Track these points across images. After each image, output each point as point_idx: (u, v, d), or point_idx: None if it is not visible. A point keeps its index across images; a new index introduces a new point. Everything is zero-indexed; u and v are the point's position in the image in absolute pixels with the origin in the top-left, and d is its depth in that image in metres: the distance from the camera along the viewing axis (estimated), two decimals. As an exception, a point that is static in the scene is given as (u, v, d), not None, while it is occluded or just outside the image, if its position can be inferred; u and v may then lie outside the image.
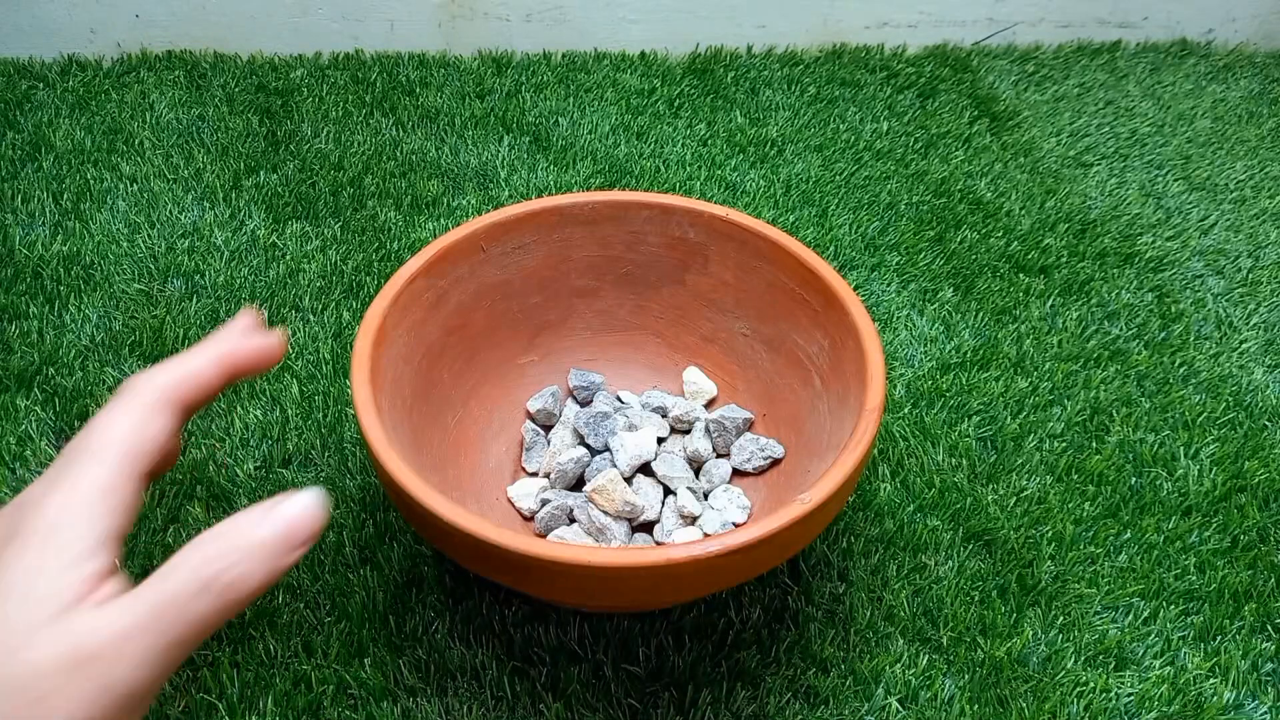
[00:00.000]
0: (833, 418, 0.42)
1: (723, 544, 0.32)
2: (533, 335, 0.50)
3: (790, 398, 0.46)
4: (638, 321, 0.51)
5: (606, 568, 0.32)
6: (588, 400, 0.50)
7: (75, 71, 0.77)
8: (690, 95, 0.79)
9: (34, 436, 0.49)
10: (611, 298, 0.50)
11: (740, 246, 0.47)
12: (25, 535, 0.24)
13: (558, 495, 0.46)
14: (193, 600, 0.24)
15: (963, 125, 0.78)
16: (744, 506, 0.45)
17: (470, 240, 0.44)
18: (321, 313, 0.57)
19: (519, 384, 0.50)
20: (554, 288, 0.49)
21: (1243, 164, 0.76)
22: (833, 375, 0.43)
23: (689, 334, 0.51)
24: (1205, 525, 0.49)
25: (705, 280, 0.49)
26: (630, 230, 0.48)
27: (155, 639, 0.24)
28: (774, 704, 0.41)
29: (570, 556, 0.32)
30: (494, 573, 0.35)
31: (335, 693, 0.40)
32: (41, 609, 0.23)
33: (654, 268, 0.49)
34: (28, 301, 0.57)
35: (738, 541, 0.32)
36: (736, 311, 0.49)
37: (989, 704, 0.41)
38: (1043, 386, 0.56)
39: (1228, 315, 0.62)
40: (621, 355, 0.52)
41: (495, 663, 0.42)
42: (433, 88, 0.78)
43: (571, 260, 0.49)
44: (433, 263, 0.43)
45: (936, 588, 0.45)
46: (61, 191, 0.65)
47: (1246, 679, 0.43)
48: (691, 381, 0.50)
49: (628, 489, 0.45)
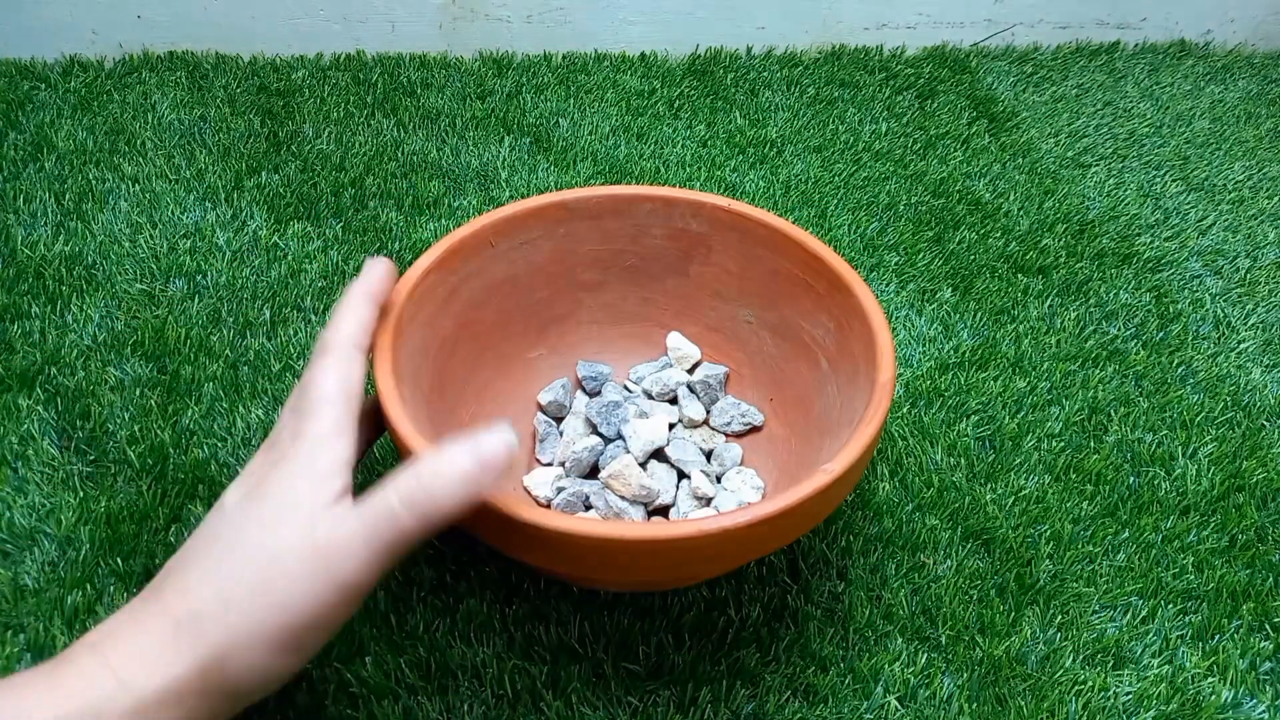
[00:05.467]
0: (842, 396, 0.42)
1: (752, 514, 0.33)
2: (541, 329, 0.50)
3: (797, 380, 0.47)
4: (643, 313, 0.52)
5: (640, 540, 0.32)
6: (597, 391, 0.51)
7: (77, 72, 0.77)
8: (690, 96, 0.80)
9: (36, 436, 0.49)
10: (617, 290, 0.51)
11: (743, 236, 0.47)
12: (289, 460, 0.31)
13: (573, 483, 0.46)
14: (401, 515, 0.30)
15: (961, 126, 0.78)
16: (758, 486, 0.46)
17: (480, 235, 0.45)
18: (323, 313, 0.58)
19: (529, 377, 0.50)
20: (560, 282, 0.50)
21: (1241, 164, 0.76)
22: (840, 355, 0.43)
23: (694, 323, 0.51)
24: (1203, 524, 0.49)
25: (709, 270, 0.49)
26: (634, 223, 0.48)
27: (372, 544, 0.30)
28: (773, 702, 0.41)
29: (604, 532, 0.32)
30: (526, 553, 0.36)
31: (336, 691, 0.41)
32: (297, 514, 0.30)
33: (658, 259, 0.50)
34: (30, 301, 0.57)
35: (766, 512, 0.33)
36: (740, 299, 0.49)
37: (987, 702, 0.41)
38: (1041, 386, 0.56)
39: (1226, 315, 0.62)
40: (628, 347, 0.52)
41: (496, 661, 0.42)
42: (434, 89, 0.78)
43: (577, 254, 0.49)
44: (445, 257, 0.43)
45: (935, 586, 0.46)
46: (64, 192, 0.65)
47: (1244, 678, 0.43)
48: (675, 347, 0.51)
49: (643, 473, 0.45)
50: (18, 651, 0.41)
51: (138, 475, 0.48)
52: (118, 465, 0.48)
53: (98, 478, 0.48)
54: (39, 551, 0.45)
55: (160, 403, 0.52)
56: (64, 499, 0.47)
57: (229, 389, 0.53)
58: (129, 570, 0.44)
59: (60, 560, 0.44)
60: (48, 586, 0.43)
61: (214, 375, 0.53)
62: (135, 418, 0.51)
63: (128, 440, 0.49)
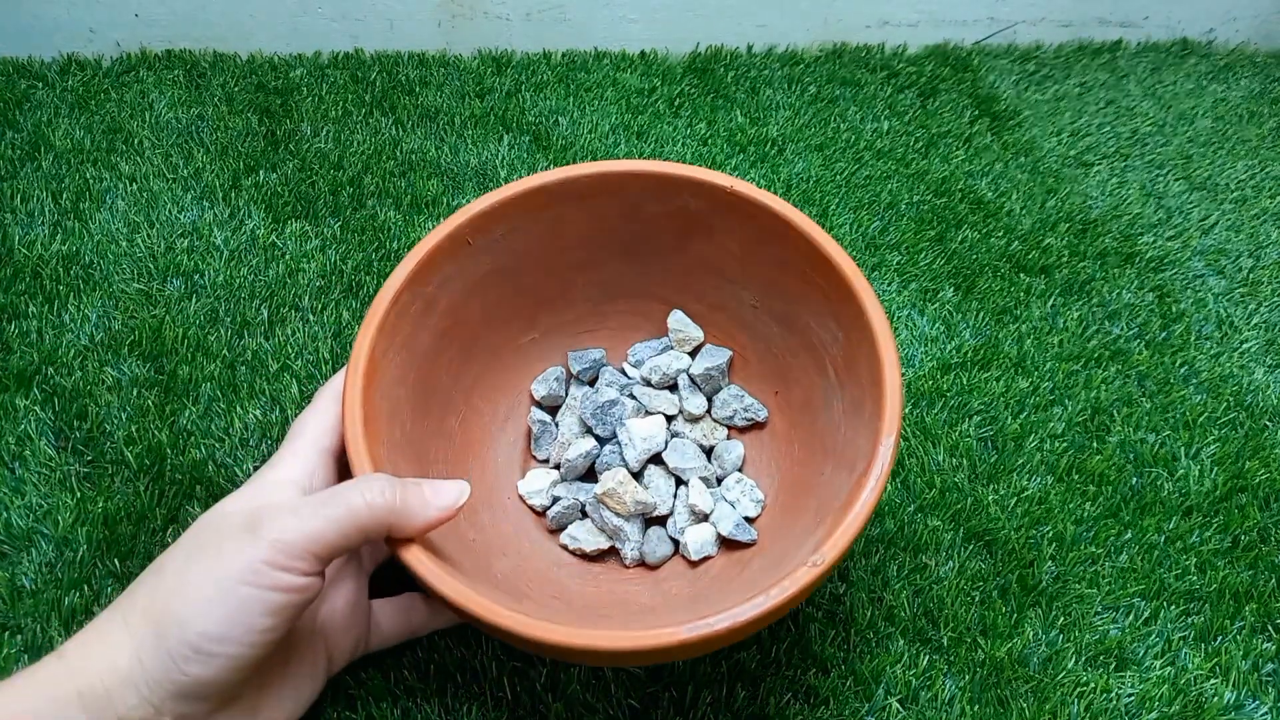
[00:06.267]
0: (847, 424, 0.40)
1: (733, 619, 0.32)
2: (532, 314, 0.48)
3: (804, 380, 0.45)
4: (641, 288, 0.49)
5: (617, 652, 0.32)
6: (592, 379, 0.49)
7: (74, 71, 0.77)
8: (690, 94, 0.79)
9: (33, 436, 0.49)
10: (611, 268, 0.48)
11: (746, 220, 0.44)
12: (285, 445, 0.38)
13: (569, 490, 0.45)
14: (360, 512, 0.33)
15: (963, 125, 0.78)
16: (758, 500, 0.45)
17: (454, 238, 0.43)
18: (321, 312, 0.57)
19: (522, 365, 0.49)
20: (549, 264, 0.47)
21: (1244, 164, 0.76)
22: (847, 374, 0.41)
23: (695, 301, 0.49)
24: (1206, 525, 0.49)
25: (709, 248, 0.46)
26: (627, 202, 0.46)
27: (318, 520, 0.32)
28: (774, 704, 0.41)
29: (582, 642, 0.32)
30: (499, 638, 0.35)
31: (335, 693, 0.40)
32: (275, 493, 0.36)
33: (654, 237, 0.47)
34: (27, 301, 0.56)
35: (747, 616, 0.32)
36: (742, 282, 0.47)
37: (989, 704, 0.41)
38: (1043, 386, 0.55)
39: (1229, 315, 0.62)
40: (625, 323, 0.50)
41: (495, 663, 0.42)
42: (432, 87, 0.78)
43: (566, 237, 0.46)
44: (416, 273, 0.41)
45: (937, 588, 0.45)
46: (61, 191, 0.65)
47: (1247, 679, 0.43)
48: (677, 328, 0.49)
49: (638, 488, 0.44)
50: (15, 653, 0.41)
51: (135, 476, 0.48)
52: (115, 466, 0.48)
53: (95, 478, 0.48)
54: (36, 552, 0.45)
55: (157, 403, 0.51)
56: (61, 499, 0.47)
57: (226, 389, 0.52)
58: (127, 571, 0.44)
59: (58, 561, 0.44)
60: (45, 588, 0.43)
61: (211, 375, 0.53)
62: (133, 418, 0.50)
63: (125, 440, 0.49)
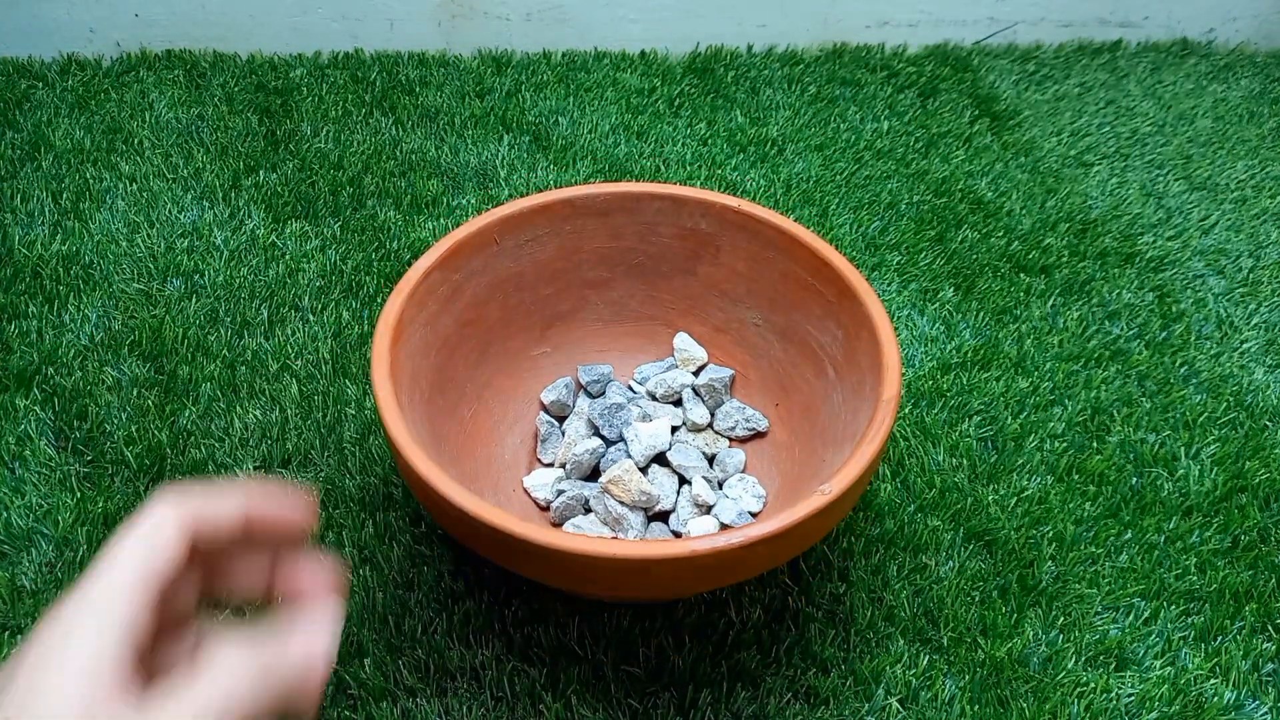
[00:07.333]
0: (847, 408, 0.42)
1: (745, 535, 0.32)
2: (545, 327, 0.50)
3: (804, 387, 0.47)
4: (649, 312, 0.51)
5: (631, 559, 0.32)
6: (600, 392, 0.50)
7: (75, 71, 0.77)
8: (690, 94, 0.79)
9: (33, 436, 0.49)
10: (623, 288, 0.51)
11: (752, 237, 0.47)
12: None
13: (573, 485, 0.46)
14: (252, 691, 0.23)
15: (963, 125, 0.78)
16: (759, 495, 0.46)
17: (484, 233, 0.45)
18: (321, 312, 0.57)
19: (532, 375, 0.50)
20: (566, 279, 0.49)
21: (1243, 164, 0.76)
22: (847, 365, 0.43)
23: (700, 324, 0.51)
24: (1206, 525, 0.49)
25: (717, 270, 0.49)
26: (642, 221, 0.48)
27: None
28: (774, 704, 0.41)
29: (594, 549, 0.32)
30: (519, 566, 0.35)
31: (335, 693, 0.40)
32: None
33: (665, 258, 0.50)
34: (27, 301, 0.56)
35: (759, 533, 0.32)
36: (748, 301, 0.49)
37: (989, 704, 0.41)
38: (1043, 386, 0.55)
39: (1229, 315, 0.62)
40: (634, 345, 0.52)
41: (495, 663, 0.42)
42: (432, 87, 0.78)
43: (583, 251, 0.49)
44: (447, 256, 0.43)
45: (937, 588, 0.45)
46: (61, 191, 0.64)
47: (1247, 679, 0.43)
48: (682, 349, 0.51)
49: (643, 479, 0.45)
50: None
51: (135, 476, 0.48)
52: (115, 465, 0.48)
53: (95, 478, 0.48)
54: (36, 552, 0.44)
55: (157, 403, 0.51)
56: (61, 499, 0.47)
57: (226, 389, 0.52)
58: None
59: (58, 561, 0.44)
60: (45, 588, 0.43)
61: (211, 375, 0.53)
62: (132, 418, 0.50)
63: (125, 440, 0.49)
